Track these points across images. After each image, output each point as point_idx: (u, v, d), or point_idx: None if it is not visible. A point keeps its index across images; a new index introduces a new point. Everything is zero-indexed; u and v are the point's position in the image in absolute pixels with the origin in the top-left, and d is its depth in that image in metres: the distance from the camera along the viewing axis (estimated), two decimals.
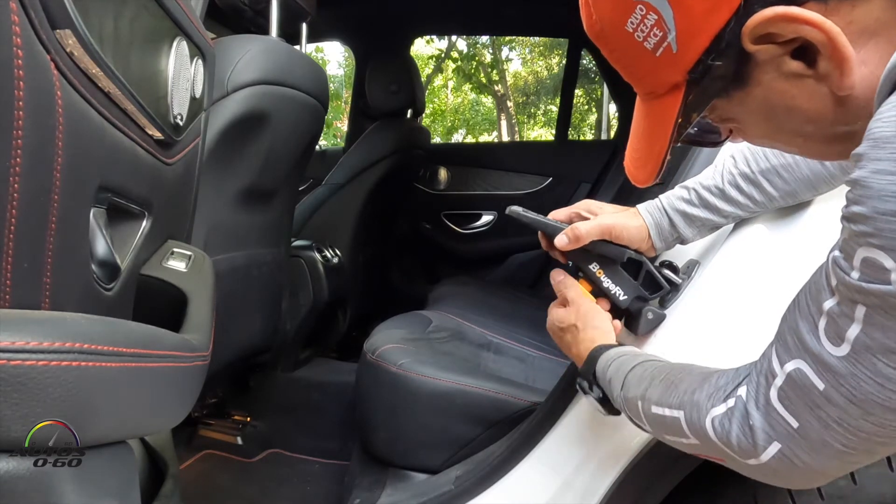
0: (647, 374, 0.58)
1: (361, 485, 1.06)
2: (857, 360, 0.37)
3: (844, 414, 0.39)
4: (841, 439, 0.40)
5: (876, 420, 0.38)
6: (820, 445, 0.41)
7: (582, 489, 0.79)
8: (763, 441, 0.44)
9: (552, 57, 10.93)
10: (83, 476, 0.44)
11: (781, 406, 0.43)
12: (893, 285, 0.33)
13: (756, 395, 0.45)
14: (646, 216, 0.76)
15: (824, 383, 0.39)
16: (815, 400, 0.40)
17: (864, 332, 0.36)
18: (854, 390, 0.38)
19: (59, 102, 0.45)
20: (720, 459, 0.51)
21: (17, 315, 0.43)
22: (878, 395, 0.37)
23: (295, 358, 1.65)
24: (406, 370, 1.03)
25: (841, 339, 0.38)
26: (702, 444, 0.50)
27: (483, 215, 2.36)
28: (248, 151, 1.08)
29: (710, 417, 0.48)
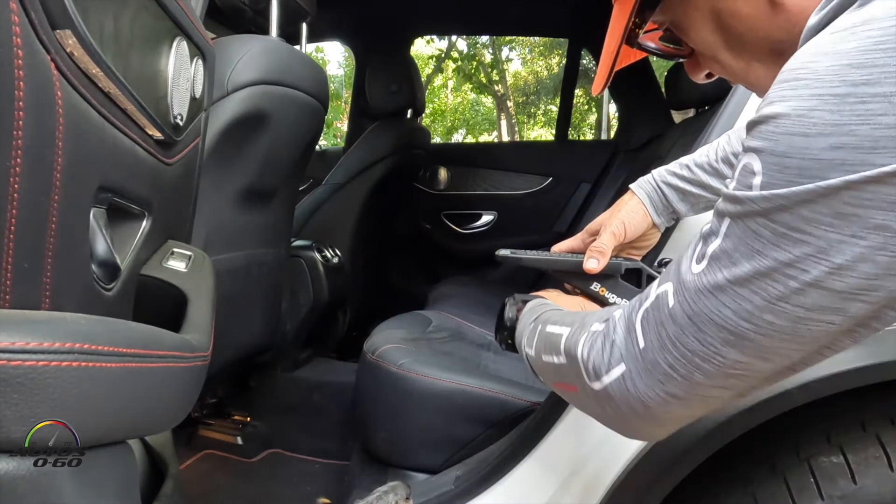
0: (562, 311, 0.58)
1: (361, 485, 1.06)
2: (704, 275, 0.36)
3: (679, 332, 0.38)
4: (669, 358, 0.39)
5: (702, 337, 0.36)
6: (651, 366, 0.40)
7: (582, 489, 0.79)
8: (614, 360, 0.43)
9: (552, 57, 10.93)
10: (83, 476, 0.44)
11: (640, 326, 0.42)
12: (754, 189, 0.32)
13: (627, 316, 0.44)
14: (638, 192, 0.77)
15: (675, 300, 0.39)
16: (661, 318, 0.40)
17: (720, 247, 0.35)
18: (693, 304, 0.37)
19: (59, 102, 0.45)
20: (573, 388, 0.49)
21: (18, 315, 0.43)
22: (710, 307, 0.36)
23: (295, 358, 1.65)
24: (406, 370, 1.03)
25: (703, 257, 0.37)
26: (566, 363, 0.49)
27: (483, 215, 2.36)
28: (248, 151, 1.08)
29: (587, 333, 0.48)
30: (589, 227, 0.79)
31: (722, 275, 0.35)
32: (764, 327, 0.34)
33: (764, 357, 0.35)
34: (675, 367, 0.39)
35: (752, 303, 0.33)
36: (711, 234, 0.37)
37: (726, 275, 0.35)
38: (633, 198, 0.77)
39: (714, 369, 0.37)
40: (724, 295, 0.35)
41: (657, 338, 0.40)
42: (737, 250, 0.34)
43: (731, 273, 0.34)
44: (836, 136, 0.28)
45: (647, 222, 0.76)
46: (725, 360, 0.36)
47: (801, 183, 0.30)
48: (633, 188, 0.78)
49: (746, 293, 0.34)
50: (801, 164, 0.30)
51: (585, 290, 0.74)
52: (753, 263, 0.33)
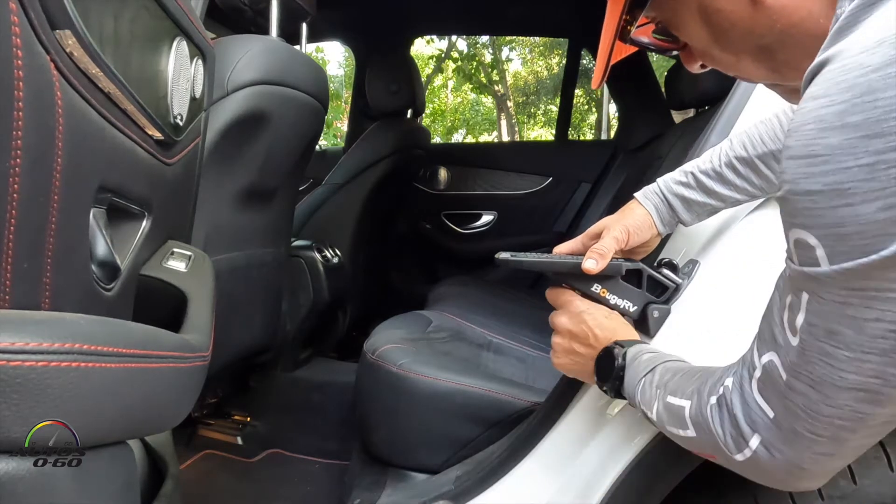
0: (673, 367, 0.59)
1: (361, 485, 1.06)
2: (806, 347, 0.38)
3: (806, 399, 0.39)
4: (807, 426, 0.40)
5: (832, 402, 0.38)
6: (791, 434, 0.42)
7: (582, 489, 0.79)
8: (745, 432, 0.45)
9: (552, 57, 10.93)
10: (83, 476, 0.44)
11: (760, 397, 0.44)
12: (821, 265, 0.34)
13: (740, 387, 0.46)
14: (645, 202, 0.77)
15: (786, 373, 0.40)
16: (781, 390, 0.41)
17: (807, 320, 0.37)
18: (810, 375, 0.38)
19: (59, 103, 0.45)
20: (713, 457, 0.51)
21: (17, 315, 0.43)
22: (829, 376, 0.37)
23: (295, 358, 1.65)
24: (406, 370, 1.03)
25: (795, 328, 0.39)
26: (697, 435, 0.51)
27: (483, 215, 2.36)
28: (248, 151, 1.08)
29: (708, 407, 0.49)
30: (590, 230, 0.78)
31: (826, 344, 0.37)
32: (890, 379, 0.35)
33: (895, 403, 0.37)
34: (816, 431, 0.40)
35: (871, 362, 0.35)
36: (794, 306, 0.38)
37: (831, 343, 0.36)
38: (639, 207, 0.77)
39: (857, 425, 0.39)
40: (840, 362, 0.36)
41: (785, 408, 0.42)
42: (829, 321, 0.36)
43: (835, 341, 0.36)
44: (883, 199, 0.30)
45: (651, 232, 0.76)
46: (865, 415, 0.38)
47: (867, 248, 0.32)
48: (640, 198, 0.78)
49: (861, 356, 0.35)
50: (858, 230, 0.31)
51: (586, 291, 0.74)
52: (856, 329, 0.35)
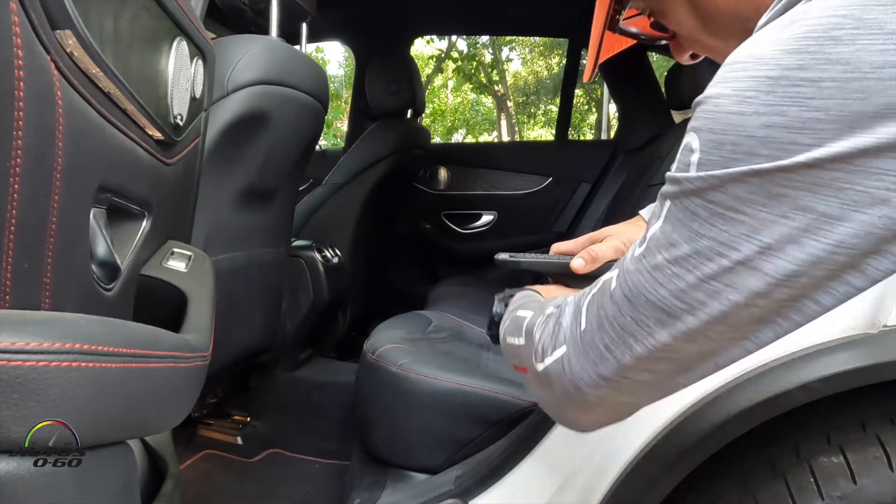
0: (540, 298, 0.59)
1: (361, 485, 1.06)
2: (644, 256, 0.37)
3: (617, 311, 0.39)
4: (605, 338, 0.39)
5: (637, 316, 0.37)
6: (588, 346, 0.41)
7: (582, 489, 0.79)
8: (558, 342, 0.44)
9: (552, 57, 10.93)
10: (83, 476, 0.44)
11: (585, 310, 0.43)
12: (691, 169, 0.34)
13: (576, 301, 0.45)
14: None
15: (616, 283, 0.40)
16: (603, 301, 0.40)
17: (660, 229, 0.36)
18: (632, 285, 0.38)
19: (59, 103, 0.45)
20: (523, 369, 0.51)
21: (17, 315, 0.43)
22: (648, 287, 0.36)
23: (295, 358, 1.65)
24: (406, 370, 1.03)
25: (644, 240, 0.38)
26: (524, 344, 0.50)
27: (483, 215, 2.36)
28: (248, 151, 1.08)
29: (543, 315, 0.49)
30: (594, 234, 0.78)
31: (661, 255, 0.36)
32: (695, 306, 0.34)
33: (691, 339, 0.36)
34: (609, 346, 0.39)
35: (686, 281, 0.34)
36: (653, 216, 0.38)
37: (665, 255, 0.35)
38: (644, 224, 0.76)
39: (644, 351, 0.38)
40: (661, 274, 0.36)
41: (597, 319, 0.41)
42: (675, 231, 0.35)
43: (669, 253, 0.35)
44: (769, 116, 0.30)
45: None
46: (656, 342, 0.37)
47: (735, 160, 0.31)
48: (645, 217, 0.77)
49: (681, 272, 0.34)
50: (734, 141, 0.31)
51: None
52: (691, 244, 0.34)
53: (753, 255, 0.32)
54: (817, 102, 0.28)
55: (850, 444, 0.66)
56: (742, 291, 0.33)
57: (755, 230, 0.31)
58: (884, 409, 0.68)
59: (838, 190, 0.29)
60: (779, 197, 0.30)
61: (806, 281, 0.31)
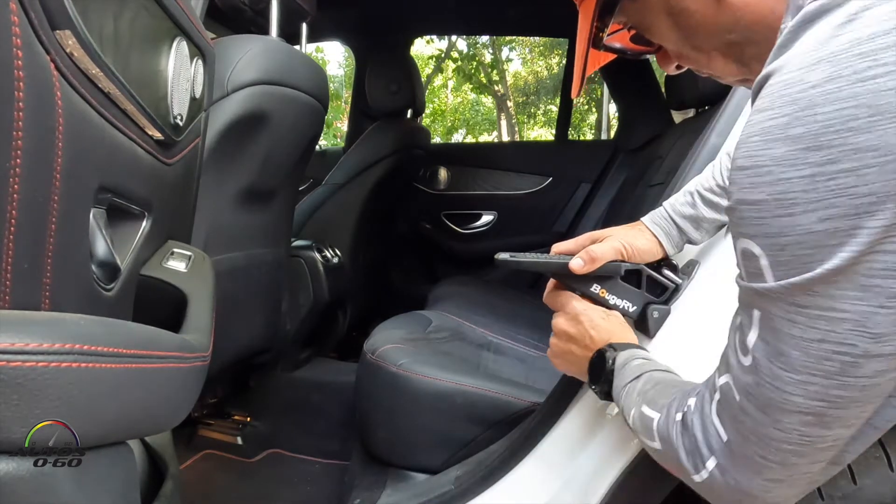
0: (657, 378, 0.59)
1: (361, 485, 1.06)
2: (757, 368, 0.38)
3: (755, 423, 0.39)
4: (757, 450, 0.40)
5: (781, 426, 0.38)
6: (743, 459, 0.42)
7: (582, 489, 0.79)
8: (704, 454, 0.45)
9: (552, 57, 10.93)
10: (83, 476, 0.44)
11: (717, 419, 0.44)
12: (766, 279, 0.35)
13: (700, 407, 0.46)
14: (653, 228, 0.77)
15: (739, 394, 0.40)
16: (735, 413, 0.41)
17: (760, 338, 0.37)
18: (759, 398, 0.38)
19: (59, 103, 0.45)
20: (679, 473, 0.51)
21: (17, 316, 0.42)
22: (777, 398, 0.37)
23: (295, 358, 1.65)
24: (406, 370, 1.03)
25: (746, 348, 0.39)
26: (663, 449, 0.51)
27: (483, 215, 2.36)
28: (248, 151, 1.08)
29: (674, 423, 0.49)
30: (595, 234, 0.78)
31: (775, 366, 0.37)
32: (836, 401, 0.36)
33: (846, 425, 0.38)
34: (766, 456, 0.40)
35: (817, 384, 0.35)
36: (745, 325, 0.39)
37: (779, 365, 0.36)
38: (647, 231, 0.77)
39: (805, 449, 0.39)
40: (784, 384, 0.36)
41: (737, 432, 0.41)
42: (778, 340, 0.36)
43: (782, 363, 0.36)
44: (821, 210, 0.31)
45: (657, 256, 0.76)
46: (812, 438, 0.38)
47: (808, 256, 0.32)
48: (648, 223, 0.78)
49: (807, 378, 0.35)
50: (798, 240, 0.32)
51: (585, 291, 0.74)
52: (802, 350, 0.35)
53: (870, 346, 0.33)
54: (862, 189, 0.30)
55: None
56: (873, 375, 0.34)
57: (861, 325, 0.32)
58: None
59: None
60: (871, 289, 0.31)
61: None
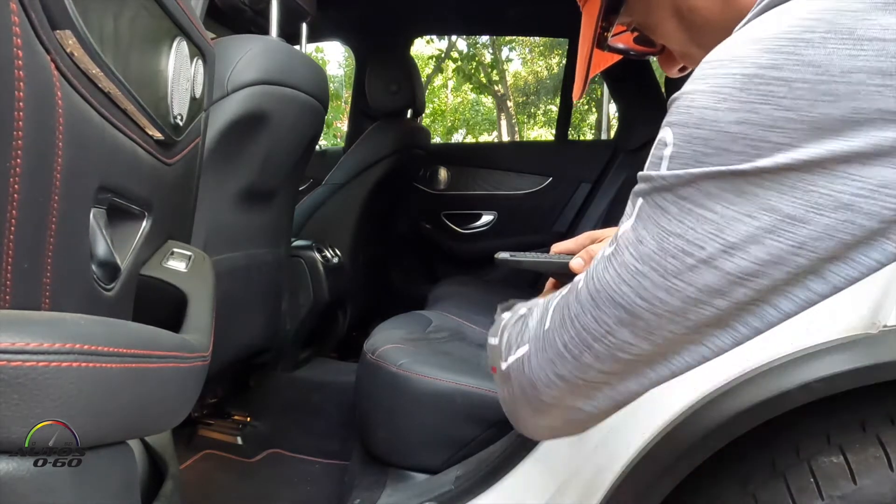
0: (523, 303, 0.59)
1: (361, 485, 1.06)
2: (613, 255, 0.37)
3: (580, 309, 0.38)
4: (565, 337, 0.39)
5: (599, 315, 0.37)
6: (548, 345, 0.41)
7: (582, 489, 0.79)
8: (522, 341, 0.44)
9: (552, 57, 10.93)
10: (83, 476, 0.44)
11: (552, 310, 0.42)
12: (664, 166, 0.34)
13: (546, 302, 0.45)
14: None
15: (583, 282, 0.39)
16: (569, 300, 0.40)
17: (631, 227, 0.36)
18: (597, 283, 0.37)
19: (59, 103, 0.45)
20: (493, 369, 0.50)
21: (17, 316, 0.43)
22: (612, 284, 0.36)
23: (295, 358, 1.65)
24: (406, 370, 1.03)
25: (614, 240, 0.38)
26: (496, 343, 0.50)
27: (483, 215, 2.36)
28: (248, 151, 1.08)
29: (517, 315, 0.48)
30: (595, 233, 0.78)
31: (628, 253, 0.36)
32: (656, 305, 0.34)
33: (650, 339, 0.36)
34: (568, 345, 0.39)
35: (650, 279, 0.34)
36: (625, 216, 0.37)
37: (632, 251, 0.35)
38: None
39: (604, 349, 0.37)
40: (626, 271, 0.35)
41: (560, 318, 0.40)
42: (644, 228, 0.35)
43: (636, 250, 0.35)
44: (742, 112, 0.30)
45: None
46: (616, 340, 0.37)
47: (707, 155, 0.31)
48: None
49: (646, 270, 0.34)
50: (707, 136, 0.31)
51: None
52: (658, 241, 0.34)
53: (716, 253, 0.32)
54: (788, 102, 0.29)
55: (850, 444, 0.66)
56: (702, 289, 0.33)
57: (721, 228, 0.31)
58: (884, 409, 0.68)
59: (804, 192, 0.29)
60: (747, 195, 0.30)
61: (766, 283, 0.31)
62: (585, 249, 0.72)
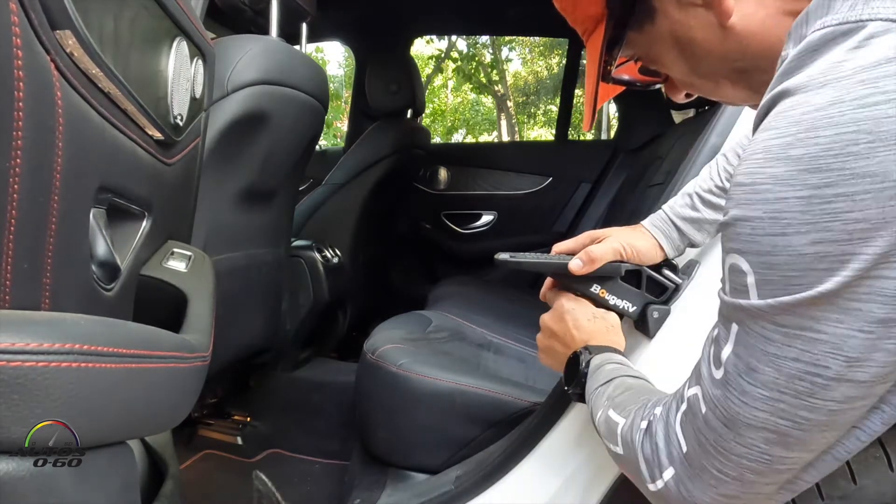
0: (628, 384, 0.59)
1: (361, 485, 1.06)
2: (728, 382, 0.38)
3: (718, 437, 0.39)
4: (716, 464, 0.40)
5: (743, 441, 0.38)
6: (699, 471, 0.42)
7: (582, 489, 0.79)
8: (662, 463, 0.45)
9: (552, 57, 10.93)
10: (83, 476, 0.44)
11: (680, 430, 0.43)
12: (751, 296, 0.35)
13: (665, 417, 0.46)
14: (653, 231, 0.77)
15: (705, 406, 0.40)
16: (698, 425, 0.41)
17: (734, 353, 0.37)
18: (725, 412, 0.38)
19: (59, 103, 0.45)
20: (632, 477, 0.51)
21: (17, 316, 0.42)
22: (743, 413, 0.37)
23: (295, 358, 1.65)
24: (406, 370, 1.03)
25: (719, 363, 0.39)
26: (624, 454, 0.51)
27: (483, 215, 2.36)
28: (248, 151, 1.08)
29: (638, 430, 0.49)
30: (594, 233, 0.78)
31: (745, 381, 0.36)
32: (802, 423, 0.35)
33: (808, 449, 0.37)
34: (723, 470, 0.40)
35: (785, 402, 0.35)
36: (721, 338, 0.38)
37: (748, 380, 0.36)
38: (646, 234, 0.77)
39: (763, 467, 0.38)
40: (752, 399, 0.36)
41: (698, 444, 0.41)
42: (752, 356, 0.36)
43: (753, 378, 0.36)
44: (814, 234, 0.31)
45: (656, 259, 0.76)
46: (773, 458, 0.38)
47: (794, 278, 0.32)
48: (648, 227, 0.78)
49: (776, 395, 0.35)
50: (787, 261, 0.32)
51: (585, 292, 0.74)
52: (774, 367, 0.35)
53: (843, 370, 0.33)
54: (857, 214, 0.30)
55: None
56: (843, 401, 0.34)
57: (837, 347, 0.32)
58: None
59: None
60: (851, 312, 0.31)
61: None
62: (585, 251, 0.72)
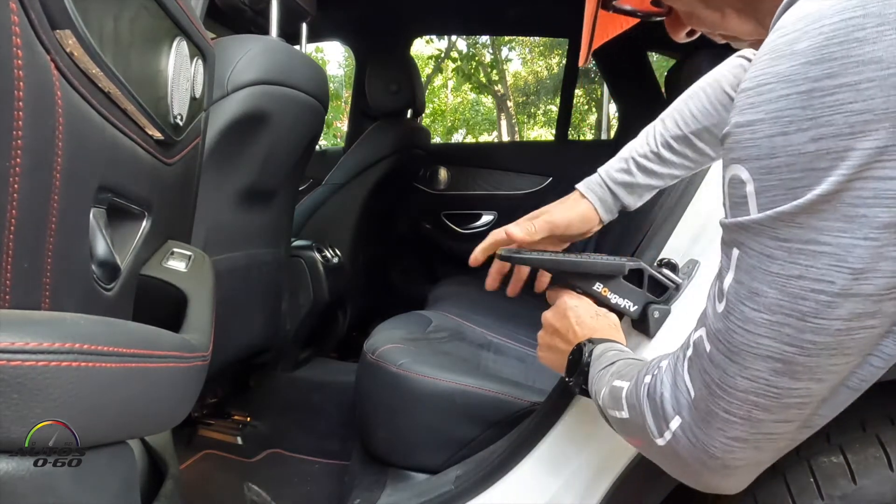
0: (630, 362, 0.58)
1: (361, 485, 1.06)
2: (730, 312, 0.36)
3: (723, 374, 0.37)
4: (722, 404, 0.38)
5: (749, 374, 0.36)
6: (707, 415, 0.39)
7: (582, 489, 0.79)
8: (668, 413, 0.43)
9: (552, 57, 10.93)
10: (83, 476, 0.44)
11: (688, 375, 0.41)
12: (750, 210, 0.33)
13: (673, 367, 0.44)
14: (588, 194, 0.79)
15: (710, 344, 0.38)
16: (704, 365, 0.39)
17: (735, 280, 0.35)
18: (729, 344, 0.36)
19: (59, 103, 0.45)
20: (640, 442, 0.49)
21: (17, 315, 0.43)
22: (747, 342, 0.35)
23: (295, 358, 1.65)
24: (406, 370, 1.03)
25: (722, 293, 0.37)
26: (630, 417, 0.49)
27: (483, 215, 2.36)
28: (248, 151, 1.08)
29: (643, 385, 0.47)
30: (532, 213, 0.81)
31: (748, 307, 0.34)
32: (808, 348, 0.33)
33: (816, 378, 0.35)
34: (730, 410, 0.38)
35: (790, 325, 0.33)
36: (723, 269, 0.37)
37: (752, 306, 0.34)
38: (582, 199, 0.79)
39: (771, 402, 0.36)
40: (756, 325, 0.34)
41: (704, 385, 0.39)
42: (754, 279, 0.34)
43: (756, 303, 0.34)
44: (815, 129, 0.29)
45: (593, 223, 0.78)
46: (780, 390, 0.35)
47: (795, 181, 0.30)
48: (583, 190, 0.80)
49: (780, 318, 0.33)
50: (787, 161, 0.30)
51: (588, 290, 0.74)
52: (778, 289, 0.33)
53: (848, 283, 0.31)
54: (859, 105, 0.28)
55: (850, 444, 0.66)
56: (849, 318, 0.32)
57: (842, 259, 0.30)
58: (884, 409, 0.68)
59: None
60: (856, 219, 0.29)
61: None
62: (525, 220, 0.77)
